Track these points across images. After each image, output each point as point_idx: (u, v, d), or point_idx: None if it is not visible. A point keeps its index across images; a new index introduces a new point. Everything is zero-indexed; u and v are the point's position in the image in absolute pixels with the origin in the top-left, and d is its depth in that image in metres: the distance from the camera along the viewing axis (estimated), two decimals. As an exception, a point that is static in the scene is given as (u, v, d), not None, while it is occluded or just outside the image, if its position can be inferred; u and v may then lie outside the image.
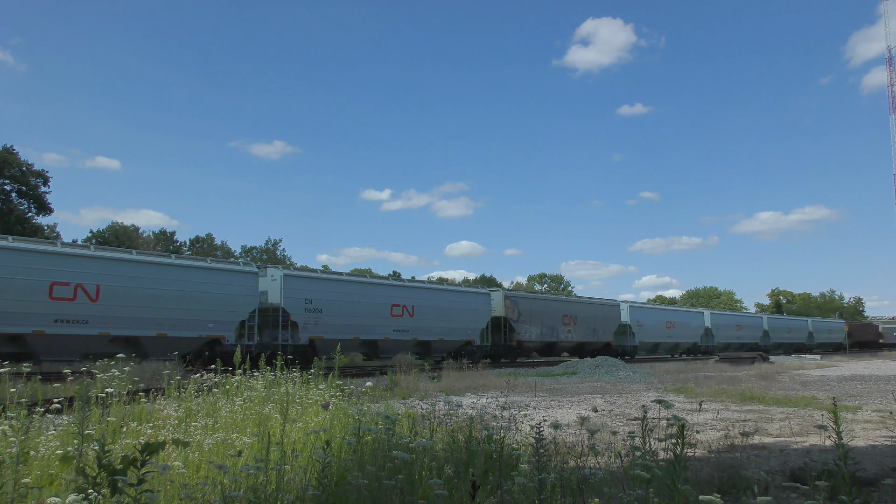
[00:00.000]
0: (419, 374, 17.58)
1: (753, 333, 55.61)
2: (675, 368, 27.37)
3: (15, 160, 40.68)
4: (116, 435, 5.26)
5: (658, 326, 44.44)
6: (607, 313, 40.51)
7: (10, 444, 3.78)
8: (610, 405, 12.62)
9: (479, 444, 4.41)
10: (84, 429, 3.48)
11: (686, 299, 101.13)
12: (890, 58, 73.24)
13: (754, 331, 56.03)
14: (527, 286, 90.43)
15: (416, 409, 8.42)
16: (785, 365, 31.40)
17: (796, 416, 10.65)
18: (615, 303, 42.45)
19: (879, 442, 8.05)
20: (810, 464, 5.89)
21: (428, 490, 3.08)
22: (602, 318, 39.81)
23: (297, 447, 4.58)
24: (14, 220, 39.38)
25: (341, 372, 11.02)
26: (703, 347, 48.73)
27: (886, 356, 54.22)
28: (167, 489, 3.64)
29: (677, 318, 47.69)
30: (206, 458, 4.45)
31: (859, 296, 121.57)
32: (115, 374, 7.14)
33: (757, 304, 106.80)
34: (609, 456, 5.16)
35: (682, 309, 54.79)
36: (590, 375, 22.83)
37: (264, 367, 8.45)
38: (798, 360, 39.86)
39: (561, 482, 3.67)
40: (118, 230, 52.53)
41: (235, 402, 6.65)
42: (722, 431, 8.65)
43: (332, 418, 6.08)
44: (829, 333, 68.12)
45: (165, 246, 55.72)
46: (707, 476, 5.15)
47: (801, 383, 19.26)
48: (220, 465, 3.23)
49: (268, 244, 69.31)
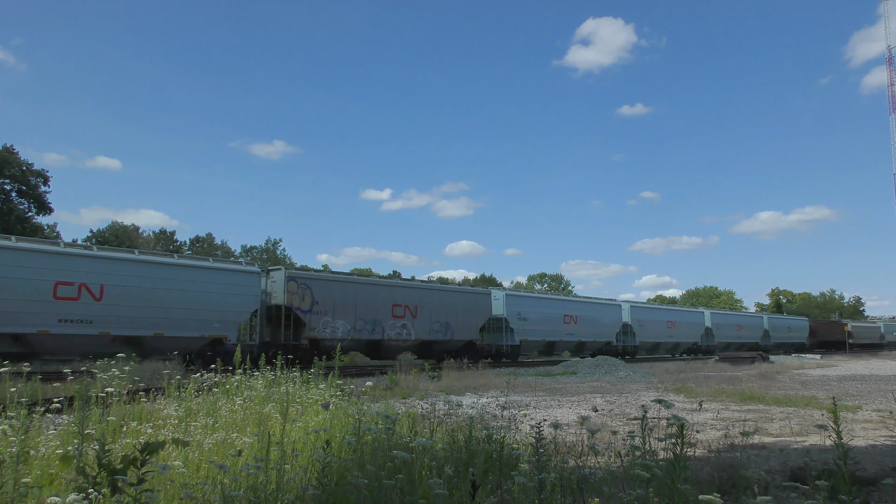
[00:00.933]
0: (419, 374, 17.58)
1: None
2: (675, 368, 27.37)
3: (15, 160, 40.67)
4: (116, 434, 5.26)
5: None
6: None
7: (10, 443, 3.78)
8: (610, 405, 12.62)
9: (479, 444, 4.41)
10: (84, 428, 3.48)
11: (686, 299, 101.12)
12: (890, 58, 73.23)
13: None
14: (527, 286, 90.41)
15: (416, 408, 8.42)
16: (785, 364, 31.41)
17: (796, 416, 10.65)
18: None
19: (879, 441, 8.05)
20: (810, 463, 5.89)
21: (428, 490, 3.08)
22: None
23: (298, 447, 4.58)
24: (14, 220, 39.38)
25: (341, 372, 11.02)
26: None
27: (886, 356, 54.22)
28: (167, 489, 3.64)
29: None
30: (206, 457, 4.45)
31: (859, 296, 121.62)
32: (115, 373, 7.15)
33: (757, 304, 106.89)
34: (609, 455, 5.16)
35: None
36: (590, 375, 22.82)
37: (264, 367, 8.45)
38: (798, 359, 39.86)
39: (561, 482, 3.67)
40: (118, 230, 52.52)
41: (235, 402, 6.65)
42: (722, 431, 8.65)
43: (332, 418, 6.08)
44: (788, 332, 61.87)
45: (165, 246, 55.72)
46: (707, 476, 5.15)
47: (801, 383, 19.26)
48: (221, 465, 3.23)
49: (268, 244, 69.32)
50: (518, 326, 34.31)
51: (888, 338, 78.32)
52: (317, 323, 24.17)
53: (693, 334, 48.08)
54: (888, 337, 78.62)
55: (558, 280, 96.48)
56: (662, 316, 45.91)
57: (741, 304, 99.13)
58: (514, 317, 34.20)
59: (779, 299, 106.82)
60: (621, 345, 40.77)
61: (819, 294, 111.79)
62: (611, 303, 42.46)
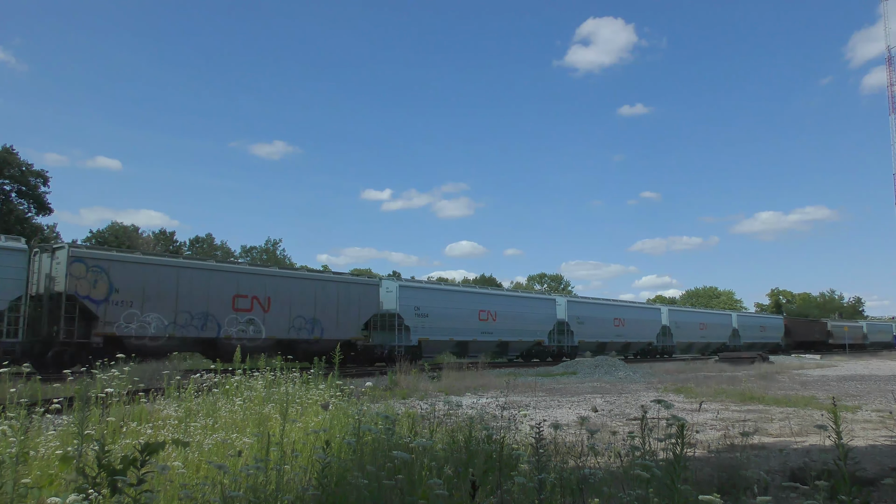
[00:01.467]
0: (419, 374, 17.57)
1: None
2: (675, 368, 27.35)
3: (15, 160, 40.67)
4: (116, 435, 5.26)
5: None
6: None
7: (9, 444, 3.78)
8: (610, 405, 12.62)
9: (479, 444, 4.41)
10: (84, 429, 3.48)
11: (686, 299, 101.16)
12: (890, 58, 73.02)
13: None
14: (527, 286, 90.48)
15: (415, 409, 8.42)
16: (785, 365, 31.41)
17: (796, 416, 10.65)
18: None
19: (879, 442, 8.05)
20: (810, 464, 5.89)
21: (428, 490, 3.08)
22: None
23: (297, 447, 4.58)
24: (14, 221, 39.37)
25: (341, 372, 11.01)
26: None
27: (886, 356, 54.19)
28: (167, 489, 3.64)
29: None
30: (206, 458, 4.45)
31: (859, 296, 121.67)
32: (114, 374, 7.15)
33: (756, 304, 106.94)
34: (609, 456, 5.15)
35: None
36: (589, 375, 22.79)
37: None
38: (798, 359, 39.89)
39: (561, 482, 3.66)
40: (118, 230, 52.51)
41: (235, 403, 6.65)
42: (722, 431, 8.65)
43: (331, 418, 6.08)
44: (761, 332, 56.13)
45: (165, 246, 55.71)
46: (707, 476, 5.15)
47: (801, 383, 19.26)
48: (220, 465, 3.23)
49: (268, 244, 69.32)
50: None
51: (872, 338, 74.15)
52: (116, 316, 19.42)
53: (647, 333, 44.48)
54: (872, 337, 74.46)
55: (558, 280, 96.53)
56: (608, 312, 41.71)
57: (741, 305, 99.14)
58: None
59: (778, 299, 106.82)
60: (556, 344, 36.73)
61: (819, 294, 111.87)
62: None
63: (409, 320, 28.00)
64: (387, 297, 27.90)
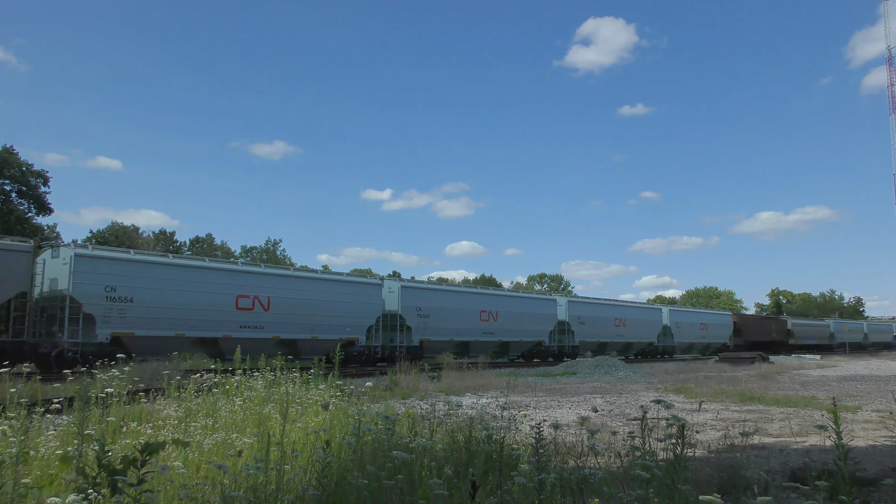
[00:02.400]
0: (419, 374, 17.57)
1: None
2: (675, 368, 27.35)
3: (15, 160, 40.67)
4: (116, 435, 5.26)
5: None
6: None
7: (10, 444, 3.78)
8: (610, 405, 12.62)
9: (479, 445, 4.41)
10: (84, 429, 3.48)
11: (686, 299, 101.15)
12: (890, 58, 73.07)
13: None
14: (527, 286, 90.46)
15: (415, 409, 8.42)
16: (785, 365, 31.41)
17: (796, 416, 10.65)
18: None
19: (879, 442, 8.05)
20: (810, 464, 5.89)
21: (428, 490, 3.08)
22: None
23: (297, 447, 4.58)
24: (14, 221, 39.36)
25: (341, 372, 11.02)
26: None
27: (886, 356, 54.17)
28: (167, 489, 3.64)
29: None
30: (206, 458, 4.45)
31: (859, 296, 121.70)
32: (114, 374, 7.15)
33: (757, 304, 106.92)
34: (609, 456, 5.15)
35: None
36: (589, 375, 22.77)
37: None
38: (798, 360, 39.90)
39: (561, 482, 3.66)
40: (118, 230, 52.51)
41: (235, 403, 6.65)
42: (722, 431, 8.65)
43: (331, 418, 6.08)
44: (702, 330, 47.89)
45: (165, 246, 55.71)
46: (707, 476, 5.15)
47: (801, 383, 19.26)
48: (220, 465, 3.23)
49: (268, 244, 69.35)
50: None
51: (839, 338, 65.52)
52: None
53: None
54: (839, 337, 65.75)
55: (558, 280, 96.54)
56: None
57: (741, 305, 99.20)
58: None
59: (779, 300, 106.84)
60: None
61: (819, 294, 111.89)
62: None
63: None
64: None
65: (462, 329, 30.11)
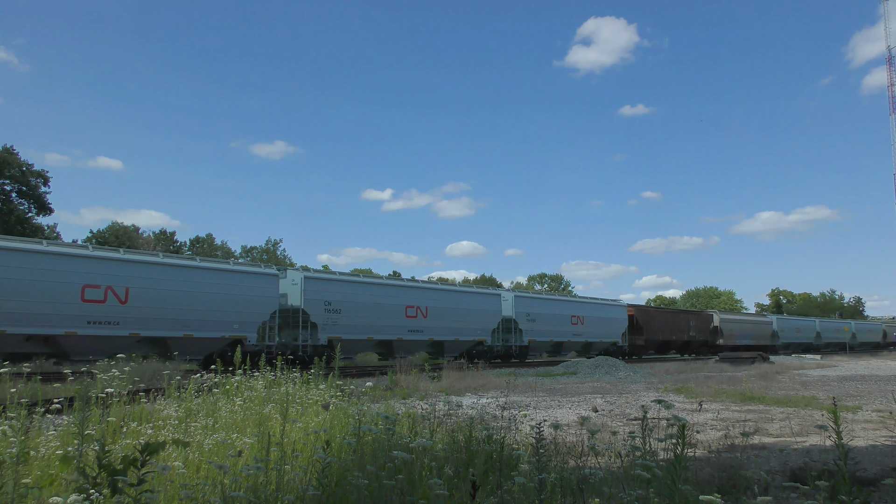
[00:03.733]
0: (419, 374, 17.57)
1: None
2: (676, 368, 27.37)
3: (15, 160, 40.69)
4: (116, 435, 5.26)
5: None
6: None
7: (10, 444, 3.78)
8: (610, 405, 12.61)
9: (480, 444, 4.41)
10: (84, 429, 3.48)
11: (686, 299, 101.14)
12: (890, 58, 72.99)
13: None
14: (527, 286, 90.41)
15: (416, 409, 8.42)
16: (785, 365, 31.43)
17: (796, 416, 10.65)
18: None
19: (879, 442, 8.04)
20: (810, 464, 5.89)
21: (428, 490, 3.08)
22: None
23: (298, 447, 4.58)
24: (14, 221, 39.39)
25: (342, 372, 11.02)
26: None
27: (886, 356, 54.16)
28: (167, 489, 3.64)
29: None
30: (207, 458, 4.45)
31: (859, 296, 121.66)
32: (115, 374, 7.15)
33: (757, 304, 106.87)
34: (609, 456, 5.16)
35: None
36: (590, 375, 22.82)
37: (264, 367, 8.45)
38: (798, 360, 39.90)
39: (561, 482, 3.67)
40: (118, 230, 52.51)
41: (235, 403, 6.65)
42: (722, 431, 8.65)
43: (332, 418, 6.08)
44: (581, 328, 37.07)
45: (165, 246, 55.72)
46: (707, 476, 5.15)
47: (802, 383, 19.26)
48: (221, 465, 3.23)
49: (268, 244, 69.37)
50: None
51: (783, 338, 55.49)
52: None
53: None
54: (784, 337, 55.65)
55: (558, 280, 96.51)
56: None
57: (741, 305, 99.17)
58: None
59: (779, 300, 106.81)
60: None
61: (819, 294, 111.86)
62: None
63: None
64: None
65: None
